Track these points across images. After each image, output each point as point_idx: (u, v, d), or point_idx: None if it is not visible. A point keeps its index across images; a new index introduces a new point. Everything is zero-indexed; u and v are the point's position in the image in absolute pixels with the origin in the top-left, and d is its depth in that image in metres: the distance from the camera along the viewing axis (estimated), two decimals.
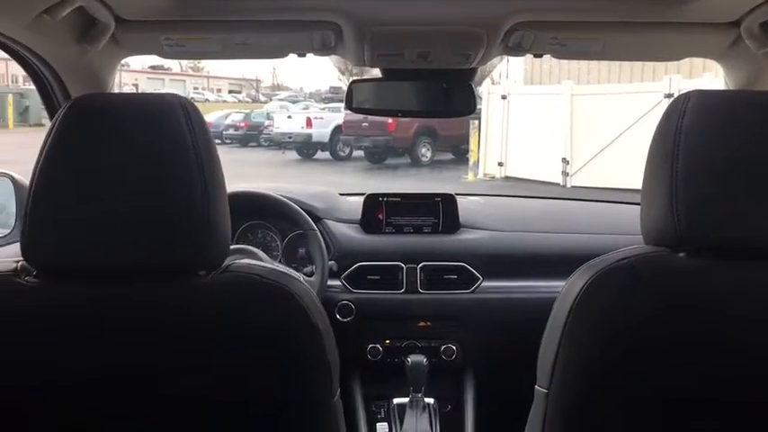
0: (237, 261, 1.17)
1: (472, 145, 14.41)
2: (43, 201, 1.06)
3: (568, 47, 1.78)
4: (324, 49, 1.82)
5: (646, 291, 1.16)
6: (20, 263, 1.11)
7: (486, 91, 14.26)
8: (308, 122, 17.41)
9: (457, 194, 2.53)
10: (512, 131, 13.61)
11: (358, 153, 17.28)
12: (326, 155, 17.70)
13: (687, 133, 1.14)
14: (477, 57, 1.81)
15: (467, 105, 2.00)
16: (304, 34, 1.71)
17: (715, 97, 1.19)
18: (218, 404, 1.09)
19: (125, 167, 1.06)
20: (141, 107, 1.12)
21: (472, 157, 14.46)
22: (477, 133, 14.19)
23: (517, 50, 1.82)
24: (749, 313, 1.13)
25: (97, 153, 1.06)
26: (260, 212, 2.31)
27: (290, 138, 17.72)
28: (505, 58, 7.08)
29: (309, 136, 17.44)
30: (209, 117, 19.59)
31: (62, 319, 1.07)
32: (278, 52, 1.84)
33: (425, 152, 16.64)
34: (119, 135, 1.08)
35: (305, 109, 21.13)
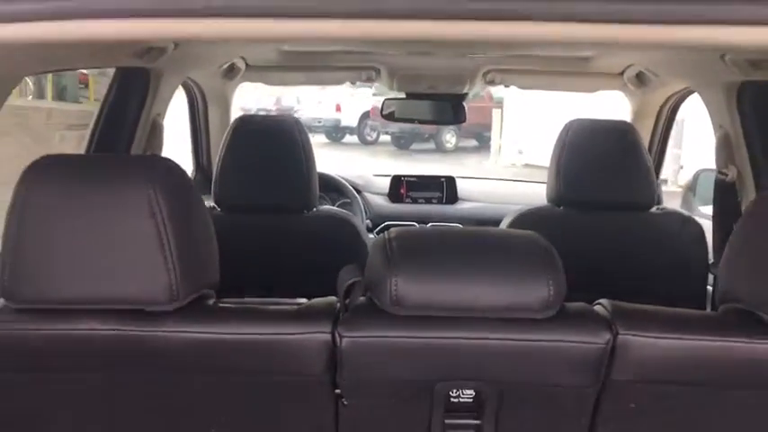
0: (322, 206, 2.34)
1: (494, 133, 15.44)
2: (230, 165, 2.19)
3: (523, 83, 2.92)
4: (368, 81, 2.99)
5: (539, 226, 2.30)
6: None
7: None
8: (338, 107, 18.50)
9: (459, 177, 3.66)
10: (531, 120, 14.61)
11: (384, 138, 18.35)
12: (354, 139, 18.80)
13: (571, 139, 2.27)
14: (465, 88, 2.96)
15: (460, 117, 3.15)
16: (358, 73, 2.88)
17: (583, 123, 2.32)
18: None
19: (274, 154, 2.22)
20: (275, 125, 2.28)
21: (494, 145, 15.49)
22: (499, 122, 15.23)
23: (491, 84, 2.97)
24: (589, 240, 2.25)
25: (262, 148, 2.22)
26: (321, 186, 3.48)
27: (319, 122, 18.83)
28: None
29: (338, 120, 18.53)
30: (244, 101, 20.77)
31: (245, 235, 2.22)
32: (341, 82, 3.01)
33: (450, 138, 17.70)
34: (268, 137, 2.24)
35: (334, 94, 22.16)
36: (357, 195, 3.44)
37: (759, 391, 1.10)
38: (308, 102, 19.59)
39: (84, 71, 3.40)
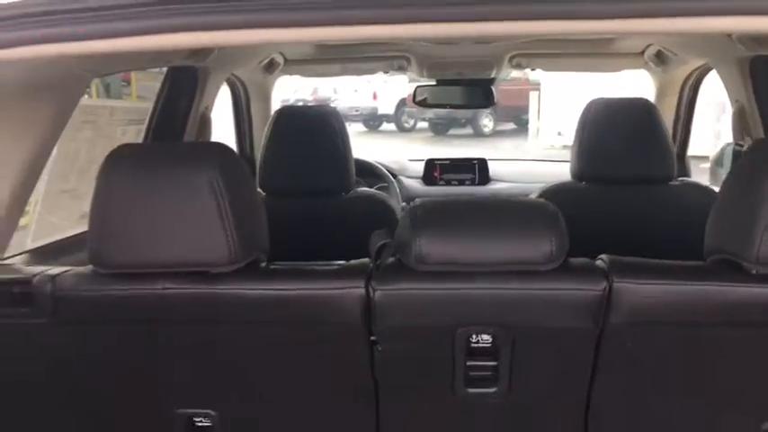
0: (360, 188, 2.54)
1: (531, 115, 15.44)
2: (273, 153, 2.40)
3: (547, 66, 3.06)
4: (400, 70, 3.17)
5: (562, 200, 2.46)
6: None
7: None
8: (374, 96, 18.69)
9: (491, 159, 3.82)
10: (569, 102, 14.57)
11: (422, 125, 18.49)
12: (392, 126, 18.99)
13: (591, 118, 2.41)
14: (493, 72, 3.11)
15: (488, 101, 3.31)
16: (390, 62, 3.06)
17: (603, 102, 2.47)
18: None
19: (313, 141, 2.42)
20: (313, 114, 2.48)
21: (532, 127, 15.48)
22: (537, 104, 15.21)
23: (518, 68, 3.12)
24: (616, 211, 2.39)
25: (302, 136, 2.42)
26: (358, 171, 3.68)
27: (356, 111, 19.05)
28: None
29: (375, 109, 18.72)
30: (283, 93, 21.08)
31: (288, 217, 2.43)
32: (374, 71, 3.20)
33: (487, 122, 17.73)
34: (307, 126, 2.44)
35: (369, 82, 22.34)
36: (393, 179, 3.63)
37: (740, 329, 1.25)
38: (345, 91, 19.77)
39: None
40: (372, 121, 19.28)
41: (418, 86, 3.38)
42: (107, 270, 1.28)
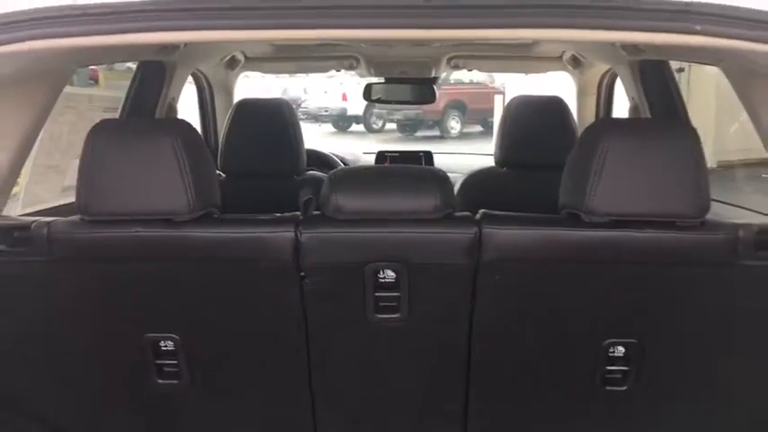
0: (310, 171, 2.92)
1: (496, 118, 15.93)
2: (233, 139, 2.77)
3: (482, 67, 3.48)
4: (350, 68, 3.56)
5: (485, 182, 2.86)
6: None
7: None
8: (344, 97, 19.06)
9: (437, 152, 4.22)
10: None
11: (390, 126, 18.91)
12: (360, 127, 19.38)
13: (512, 112, 2.82)
14: (433, 72, 3.53)
15: (431, 97, 3.71)
16: (340, 62, 3.45)
17: (522, 99, 2.88)
18: None
19: (268, 130, 2.79)
20: (269, 106, 2.85)
21: (496, 129, 15.97)
22: (501, 107, 15.72)
23: (456, 68, 3.54)
24: (529, 192, 2.79)
25: (258, 125, 2.79)
26: (314, 161, 4.06)
27: (326, 111, 19.41)
28: None
29: (345, 110, 19.09)
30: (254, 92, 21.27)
31: (245, 196, 2.80)
32: (326, 70, 3.60)
33: (454, 125, 18.23)
34: (263, 116, 2.81)
35: (341, 84, 22.67)
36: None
37: (581, 266, 1.64)
38: (315, 92, 20.07)
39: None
40: (342, 122, 19.61)
41: (368, 84, 3.77)
42: (92, 218, 1.63)
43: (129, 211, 1.62)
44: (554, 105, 2.91)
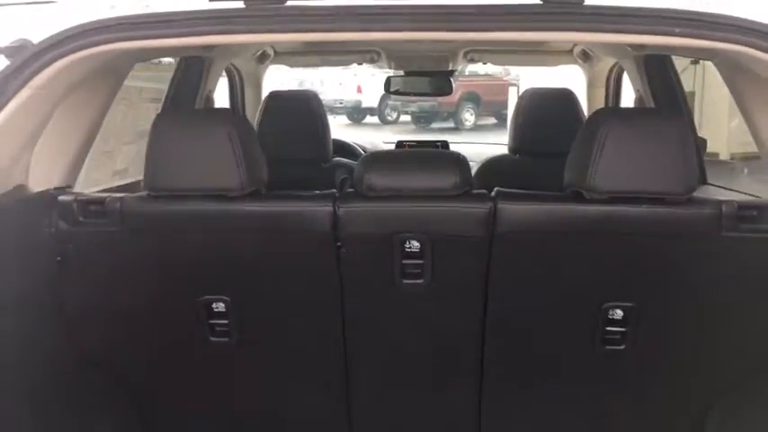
0: (336, 158, 3.18)
1: (510, 110, 16.10)
2: (266, 128, 3.03)
3: (497, 60, 3.73)
4: (371, 62, 3.82)
5: (500, 168, 3.11)
6: None
7: None
8: (359, 89, 19.30)
9: (453, 142, 4.47)
10: None
11: (405, 117, 19.12)
12: (375, 119, 19.61)
13: (525, 103, 3.07)
14: (450, 65, 3.77)
15: (448, 89, 3.95)
16: (362, 56, 3.71)
17: (534, 91, 3.12)
18: None
19: (298, 119, 3.05)
20: (299, 98, 3.12)
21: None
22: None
23: (472, 62, 3.78)
24: (540, 177, 3.03)
25: (289, 115, 3.05)
26: (338, 149, 4.32)
27: (341, 103, 19.65)
28: None
29: (359, 101, 19.33)
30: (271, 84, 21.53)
31: (278, 181, 3.07)
32: (349, 63, 3.85)
33: (469, 117, 18.44)
34: (293, 107, 3.08)
35: (355, 75, 22.87)
36: None
37: (582, 238, 1.89)
38: (330, 84, 20.27)
39: None
40: (356, 114, 19.83)
41: (389, 77, 4.02)
42: (157, 193, 1.90)
43: (189, 187, 1.88)
44: (564, 97, 3.15)
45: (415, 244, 1.94)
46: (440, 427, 2.19)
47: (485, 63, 3.89)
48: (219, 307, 2.04)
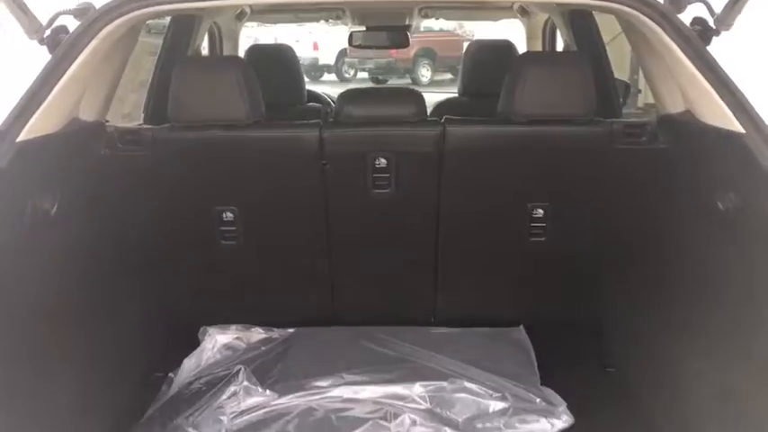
0: (310, 103, 3.76)
1: None
2: None
3: (446, 16, 4.33)
4: (337, 19, 4.38)
5: (451, 107, 3.74)
6: None
7: None
8: (315, 46, 19.61)
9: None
10: None
11: (362, 75, 19.55)
12: (333, 77, 19.99)
13: (471, 53, 3.69)
14: (407, 21, 4.36)
15: (405, 42, 4.53)
16: (329, 13, 4.27)
17: (479, 42, 3.74)
18: None
19: (278, 68, 3.61)
20: (276, 50, 3.68)
21: None
22: None
23: (425, 17, 4.38)
24: (483, 113, 3.66)
25: (270, 64, 3.61)
26: (310, 97, 4.88)
27: None
28: None
29: (316, 59, 19.65)
30: None
31: None
32: (318, 20, 4.41)
33: (425, 72, 18.98)
34: (272, 58, 3.64)
35: (310, 33, 23.04)
36: (332, 102, 4.85)
37: (511, 150, 2.51)
38: (286, 42, 20.42)
39: None
40: (313, 72, 20.08)
41: (352, 32, 4.57)
42: (180, 123, 2.46)
43: (207, 118, 2.44)
44: (504, 47, 3.78)
45: (383, 161, 2.55)
46: (404, 301, 2.84)
47: (437, 18, 4.47)
48: (228, 216, 2.63)
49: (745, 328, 1.95)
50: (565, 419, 2.23)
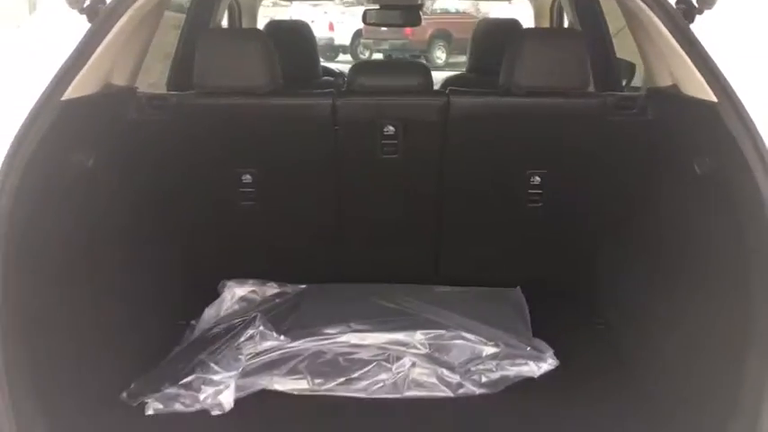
0: (324, 77, 3.98)
1: None
2: None
3: None
4: None
5: (458, 84, 3.93)
6: None
7: None
8: (330, 26, 19.73)
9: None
10: None
11: (377, 56, 19.65)
12: (348, 57, 20.09)
13: (480, 31, 3.89)
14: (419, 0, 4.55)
15: (417, 20, 4.71)
16: None
17: (487, 20, 3.93)
18: None
19: (296, 42, 3.82)
20: (294, 25, 3.89)
21: None
22: None
23: None
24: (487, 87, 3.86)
25: (288, 39, 3.82)
26: (325, 72, 5.08)
27: None
28: None
29: (332, 39, 19.76)
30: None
31: None
32: None
33: (440, 54, 19.06)
34: (291, 33, 3.85)
35: (326, 13, 23.11)
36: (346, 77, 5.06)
37: (511, 120, 2.71)
38: None
39: None
40: (329, 52, 20.16)
41: (366, 9, 4.76)
42: (204, 90, 2.68)
43: (228, 86, 2.66)
44: (511, 26, 3.97)
45: (391, 128, 2.76)
46: (409, 261, 3.07)
47: None
48: (247, 178, 2.85)
49: (723, 282, 2.12)
50: (550, 362, 2.45)
